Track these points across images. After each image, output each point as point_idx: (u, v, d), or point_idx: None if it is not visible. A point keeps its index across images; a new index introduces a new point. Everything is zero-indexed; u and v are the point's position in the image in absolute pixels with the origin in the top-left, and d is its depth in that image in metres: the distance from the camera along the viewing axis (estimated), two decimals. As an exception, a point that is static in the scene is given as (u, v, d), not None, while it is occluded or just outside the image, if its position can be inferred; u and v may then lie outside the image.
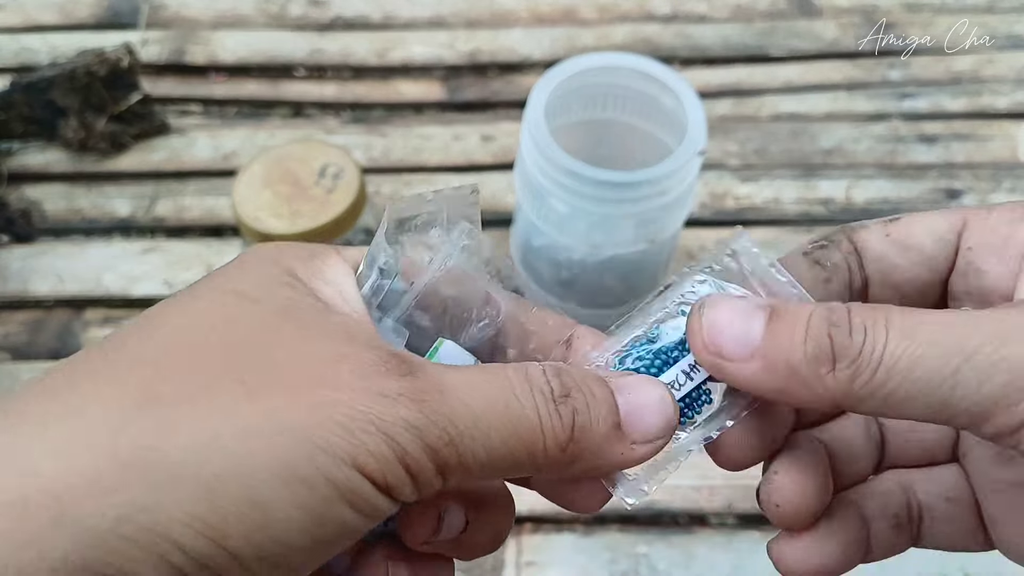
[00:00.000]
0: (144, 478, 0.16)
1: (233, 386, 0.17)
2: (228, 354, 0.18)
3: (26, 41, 0.80)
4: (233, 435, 0.17)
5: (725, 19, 0.82)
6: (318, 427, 0.17)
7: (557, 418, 0.19)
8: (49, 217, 0.67)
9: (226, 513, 0.16)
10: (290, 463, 0.17)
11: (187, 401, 0.17)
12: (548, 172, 0.46)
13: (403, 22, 0.83)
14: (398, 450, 0.18)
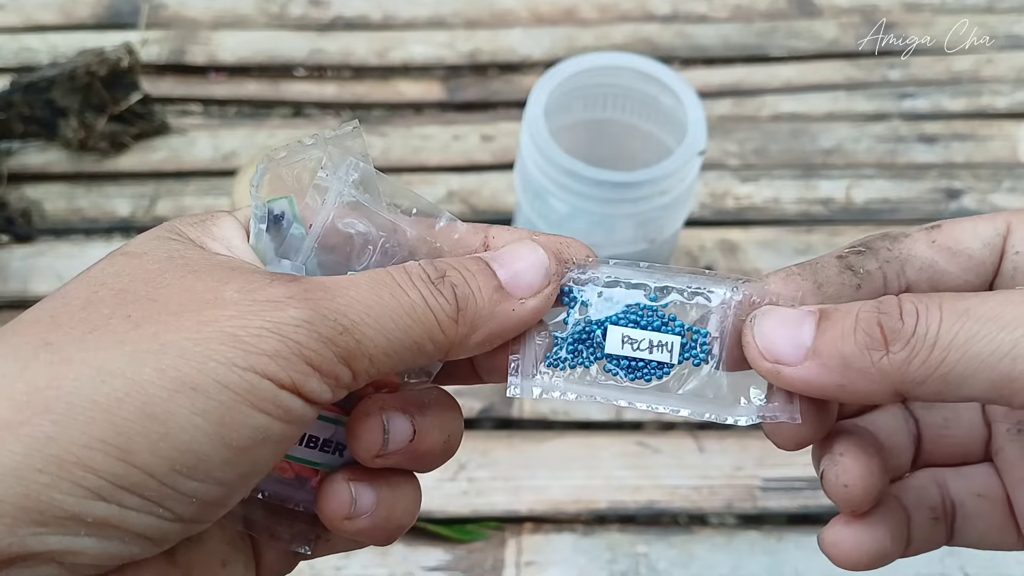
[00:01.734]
0: (44, 412, 0.17)
1: (120, 322, 0.18)
2: (115, 298, 0.19)
3: (26, 41, 0.80)
4: (122, 359, 0.18)
5: (725, 19, 0.82)
6: (206, 340, 0.18)
7: (439, 294, 0.20)
8: (49, 217, 0.67)
9: (126, 430, 0.17)
10: (180, 374, 0.17)
11: (77, 341, 0.18)
12: (548, 172, 0.46)
13: (403, 22, 0.83)
14: (292, 346, 0.18)
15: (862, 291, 0.22)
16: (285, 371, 0.19)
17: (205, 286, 0.19)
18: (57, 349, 0.18)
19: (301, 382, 0.19)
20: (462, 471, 0.53)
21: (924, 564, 0.49)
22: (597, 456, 0.53)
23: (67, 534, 0.17)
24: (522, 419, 0.56)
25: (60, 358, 0.18)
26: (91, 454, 0.17)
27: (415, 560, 0.49)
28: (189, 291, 0.19)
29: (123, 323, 0.18)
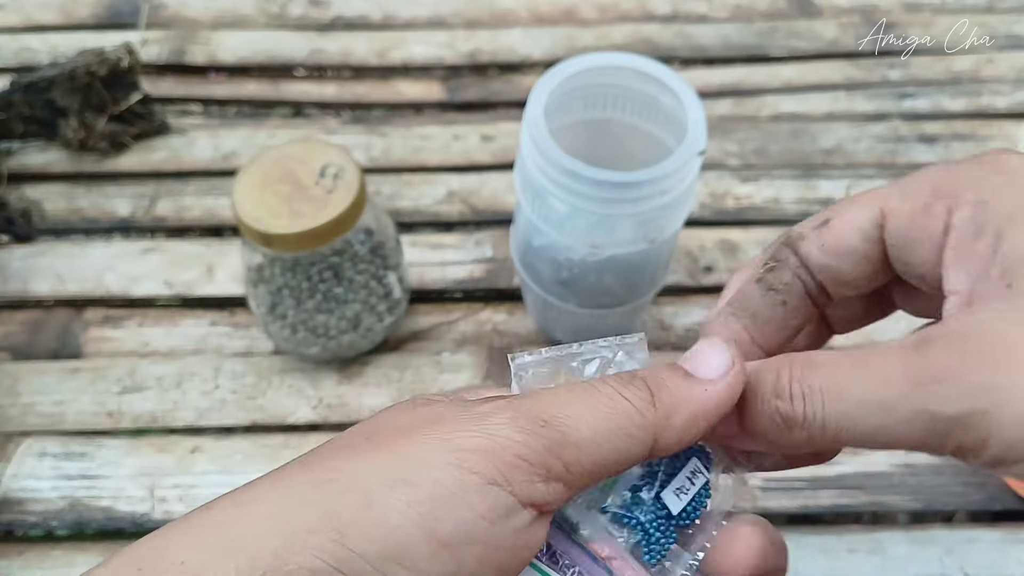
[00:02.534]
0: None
1: (360, 443, 0.21)
2: (361, 433, 0.22)
3: (26, 41, 0.80)
4: (349, 465, 0.20)
5: (725, 19, 0.82)
6: (422, 445, 0.20)
7: (631, 386, 0.22)
8: (49, 217, 0.67)
9: (346, 516, 0.19)
10: (398, 471, 0.20)
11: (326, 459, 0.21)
12: (548, 172, 0.46)
13: (403, 22, 0.83)
14: (499, 441, 0.20)
15: (788, 305, 0.24)
16: (493, 464, 0.19)
17: (430, 412, 0.22)
18: (309, 470, 0.21)
19: (509, 475, 0.20)
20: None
21: (924, 564, 0.49)
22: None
23: None
24: (522, 419, 0.56)
25: (313, 476, 0.20)
26: (314, 537, 0.18)
27: (415, 560, 0.50)
28: (417, 419, 0.21)
29: (362, 444, 0.21)
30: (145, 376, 0.58)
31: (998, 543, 0.50)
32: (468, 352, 0.58)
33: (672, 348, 0.59)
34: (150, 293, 0.62)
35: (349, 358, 0.58)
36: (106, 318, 0.61)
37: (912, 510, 0.52)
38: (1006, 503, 0.52)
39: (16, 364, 0.58)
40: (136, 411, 0.56)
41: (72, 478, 0.53)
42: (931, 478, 0.53)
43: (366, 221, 0.51)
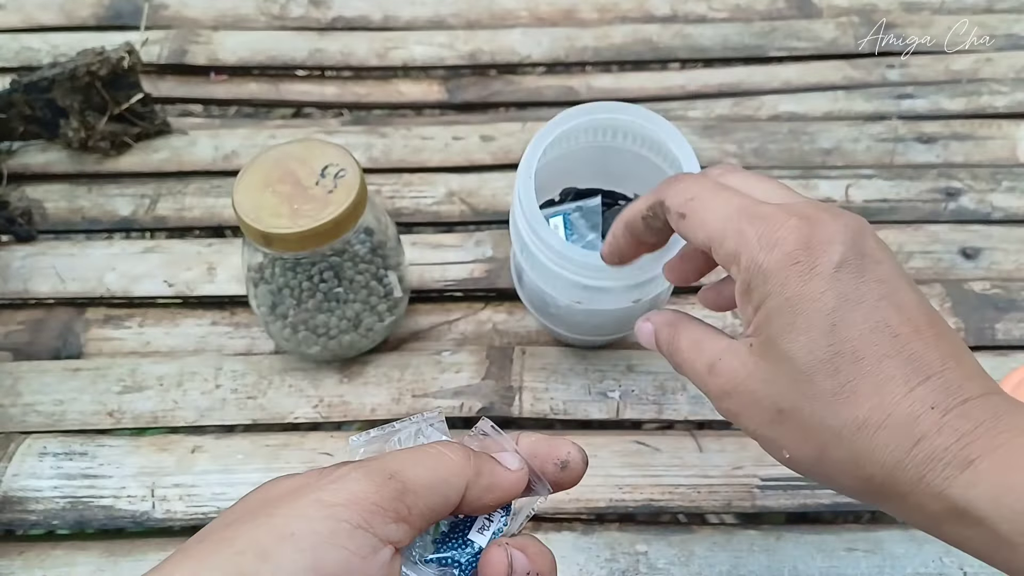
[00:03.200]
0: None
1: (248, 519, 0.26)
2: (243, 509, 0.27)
3: (27, 41, 0.80)
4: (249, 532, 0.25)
5: (724, 19, 0.82)
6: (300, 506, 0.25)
7: (455, 448, 0.30)
8: (50, 217, 0.67)
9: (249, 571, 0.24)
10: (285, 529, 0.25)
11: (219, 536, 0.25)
12: (535, 238, 0.47)
13: (403, 23, 0.83)
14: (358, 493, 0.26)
15: (661, 236, 0.39)
16: (357, 513, 0.25)
17: (296, 482, 0.27)
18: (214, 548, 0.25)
19: (369, 520, 0.25)
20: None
21: (923, 563, 0.49)
22: (596, 455, 0.54)
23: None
24: (522, 418, 0.56)
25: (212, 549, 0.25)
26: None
27: (415, 559, 0.50)
28: (287, 488, 0.27)
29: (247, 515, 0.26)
30: (146, 376, 0.58)
31: (997, 542, 0.50)
32: (468, 351, 0.59)
33: (672, 348, 0.59)
34: (151, 293, 0.62)
35: (349, 357, 0.58)
36: (107, 318, 0.61)
37: (911, 509, 0.52)
38: (1005, 502, 0.52)
39: (17, 363, 0.59)
40: (137, 410, 0.56)
41: (73, 477, 0.53)
42: (930, 477, 0.53)
43: (366, 221, 0.51)
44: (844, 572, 0.49)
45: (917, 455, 0.28)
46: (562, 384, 0.57)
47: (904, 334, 0.29)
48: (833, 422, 0.29)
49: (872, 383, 0.29)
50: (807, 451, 0.30)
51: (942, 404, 0.28)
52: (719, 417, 0.56)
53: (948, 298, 0.61)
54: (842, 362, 0.29)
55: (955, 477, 0.27)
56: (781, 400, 0.31)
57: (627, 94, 0.76)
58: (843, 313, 0.29)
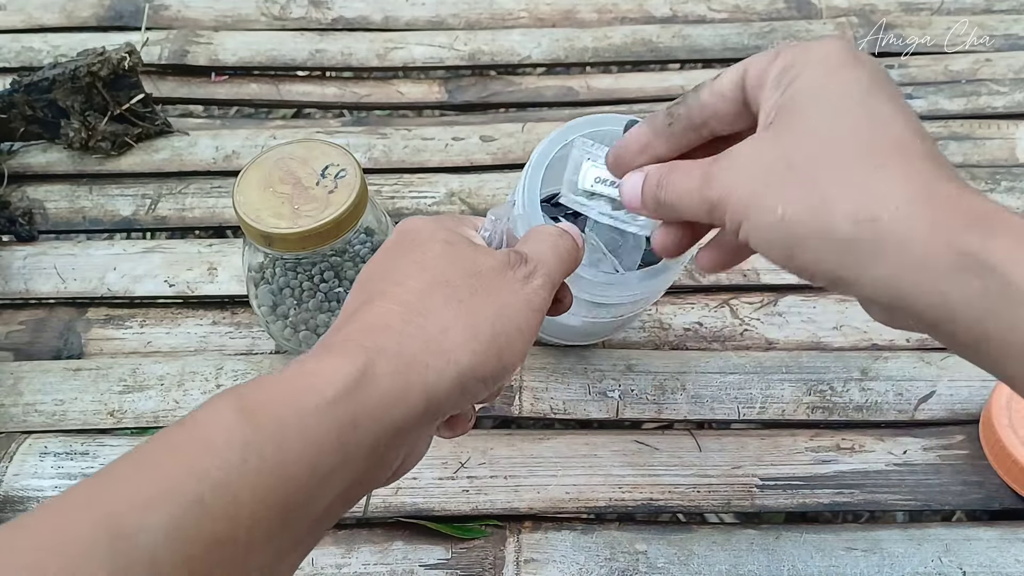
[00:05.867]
0: (469, 339, 0.31)
1: (473, 294, 0.32)
2: (470, 271, 0.33)
3: (28, 41, 0.80)
4: (491, 315, 0.32)
5: (724, 20, 0.83)
6: (518, 305, 0.32)
7: (571, 243, 0.37)
8: (51, 217, 0.68)
9: (504, 351, 0.31)
10: (516, 322, 0.32)
11: (466, 302, 0.32)
12: None
13: (403, 23, 0.83)
14: (544, 301, 0.34)
15: (674, 126, 0.36)
16: (542, 312, 0.33)
17: (493, 264, 0.33)
18: (458, 304, 0.31)
19: (548, 302, 0.34)
20: (462, 469, 0.53)
21: (922, 563, 0.50)
22: (596, 455, 0.54)
23: (463, 401, 0.30)
24: (522, 417, 0.56)
25: (467, 309, 0.31)
26: (489, 360, 0.30)
27: (415, 558, 0.50)
28: (491, 269, 0.33)
29: (473, 292, 0.32)
30: (147, 375, 0.58)
31: (996, 541, 0.50)
32: (468, 351, 0.59)
33: (671, 347, 0.59)
34: (152, 293, 0.62)
35: (350, 357, 0.58)
36: (108, 318, 0.61)
37: (910, 509, 0.52)
38: (1004, 502, 0.52)
39: (18, 363, 0.59)
40: (138, 410, 0.56)
41: (74, 477, 0.53)
42: (929, 477, 0.53)
43: (367, 221, 0.51)
44: (843, 571, 0.49)
45: (934, 200, 0.28)
46: (562, 384, 0.57)
47: (930, 142, 0.30)
48: (852, 173, 0.29)
49: (903, 163, 0.29)
50: (809, 202, 0.29)
51: (968, 193, 0.28)
52: (718, 416, 0.56)
53: (947, 298, 0.61)
54: (877, 141, 0.29)
55: (972, 226, 0.27)
56: (794, 154, 0.30)
57: (626, 95, 0.76)
58: (878, 104, 0.30)
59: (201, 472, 0.23)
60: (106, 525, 0.22)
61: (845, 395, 0.57)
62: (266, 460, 0.24)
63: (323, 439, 0.26)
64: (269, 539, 0.24)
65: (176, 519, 0.22)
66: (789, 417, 0.56)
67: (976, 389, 0.57)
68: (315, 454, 0.25)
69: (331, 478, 0.26)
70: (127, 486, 0.23)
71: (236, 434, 0.24)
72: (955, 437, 0.55)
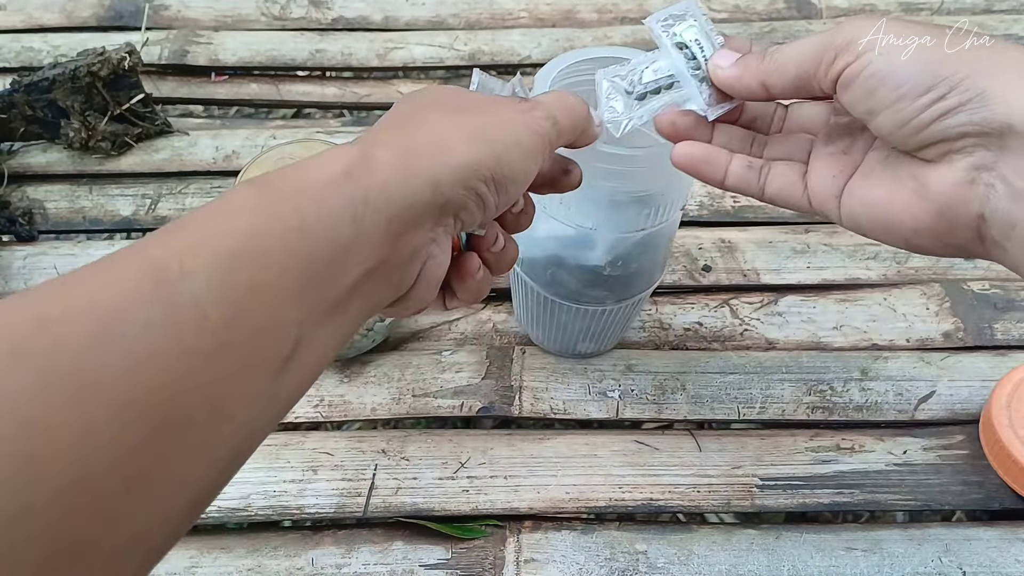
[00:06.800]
0: (470, 140, 0.32)
1: (467, 111, 0.34)
2: (449, 104, 0.35)
3: (28, 41, 0.80)
4: (490, 124, 0.33)
5: (724, 20, 0.83)
6: (514, 122, 0.34)
7: (581, 103, 0.37)
8: (51, 217, 0.68)
9: (500, 154, 0.32)
10: (515, 135, 0.33)
11: (458, 115, 0.33)
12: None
13: (403, 23, 0.83)
14: (546, 125, 0.35)
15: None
16: (542, 141, 0.34)
17: (493, 100, 0.36)
18: (461, 117, 0.33)
19: (544, 147, 0.34)
20: (462, 469, 0.53)
21: (922, 563, 0.50)
22: (596, 455, 0.54)
23: (468, 199, 0.31)
24: (522, 417, 0.56)
25: (462, 120, 0.33)
26: (489, 160, 0.32)
27: (415, 558, 0.50)
28: (486, 102, 0.35)
29: (469, 111, 0.34)
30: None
31: (996, 541, 0.50)
32: (468, 351, 0.59)
33: (671, 347, 0.59)
34: (152, 293, 0.62)
35: (350, 357, 0.58)
36: (108, 318, 0.61)
37: (910, 509, 0.52)
38: (1004, 502, 0.52)
39: (18, 363, 0.59)
40: (138, 410, 0.56)
41: (74, 476, 0.53)
42: (929, 477, 0.53)
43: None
44: (843, 571, 0.49)
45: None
46: (562, 384, 0.57)
47: None
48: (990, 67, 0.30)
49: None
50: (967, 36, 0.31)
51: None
52: (718, 416, 0.56)
53: (947, 298, 0.61)
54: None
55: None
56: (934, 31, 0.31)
57: (627, 94, 0.76)
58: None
59: (230, 228, 0.25)
60: (151, 268, 0.23)
61: (845, 395, 0.57)
62: (287, 220, 0.26)
63: (337, 210, 0.27)
64: (301, 295, 0.26)
65: (213, 265, 0.24)
66: (789, 417, 0.56)
67: (976, 389, 0.57)
68: (331, 223, 0.27)
69: (350, 252, 0.27)
70: (166, 239, 0.25)
71: (257, 202, 0.26)
72: (955, 437, 0.55)
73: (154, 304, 0.22)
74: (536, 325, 0.56)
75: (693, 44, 0.39)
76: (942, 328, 0.60)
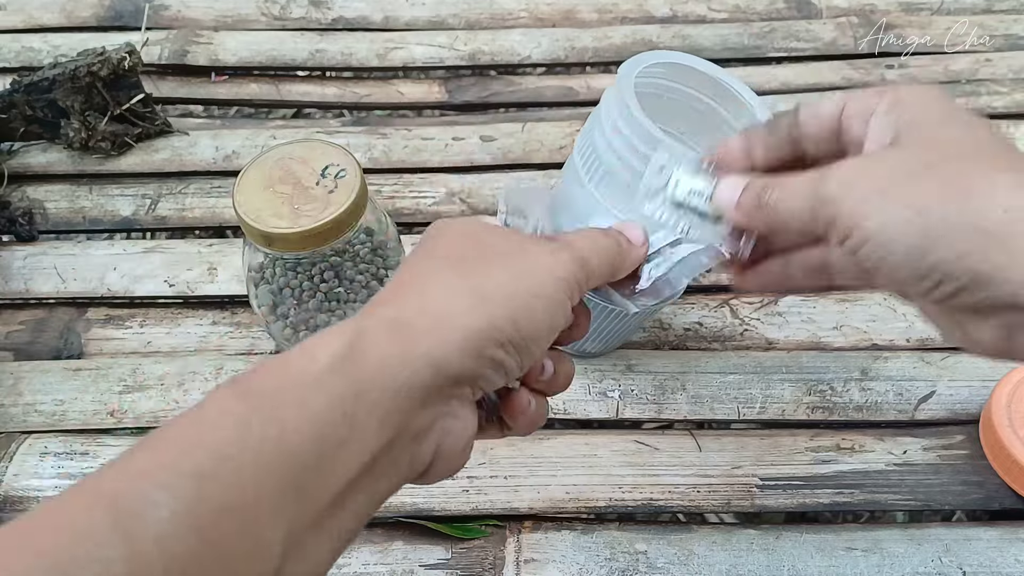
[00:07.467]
0: (483, 303, 0.30)
1: (484, 261, 0.32)
2: (469, 251, 0.33)
3: (28, 41, 0.80)
4: (506, 277, 0.31)
5: (723, 20, 0.83)
6: (537, 271, 0.32)
7: (614, 241, 0.36)
8: (51, 217, 0.68)
9: (516, 315, 0.30)
10: (535, 288, 0.31)
11: (476, 268, 0.31)
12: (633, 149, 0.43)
13: (403, 23, 0.83)
14: (570, 273, 0.33)
15: (772, 137, 0.37)
16: (568, 287, 0.32)
17: (516, 242, 0.33)
18: (472, 275, 0.31)
19: (572, 294, 0.33)
20: (462, 469, 0.53)
21: (922, 563, 0.50)
22: (596, 455, 0.54)
23: (483, 368, 0.30)
24: (522, 418, 0.56)
25: (474, 279, 0.31)
26: (503, 324, 0.30)
27: (415, 558, 0.50)
28: (508, 245, 0.33)
29: (486, 261, 0.32)
30: (147, 375, 0.58)
31: (996, 541, 0.50)
32: (468, 351, 0.59)
33: (671, 347, 0.59)
34: (152, 293, 0.62)
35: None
36: (108, 318, 0.61)
37: (910, 509, 0.52)
38: (1004, 502, 0.52)
39: (18, 363, 0.59)
40: (138, 410, 0.56)
41: (74, 477, 0.53)
42: (929, 477, 0.53)
43: (367, 221, 0.51)
44: (843, 571, 0.49)
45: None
46: (562, 384, 0.57)
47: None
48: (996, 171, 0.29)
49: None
50: (953, 194, 0.29)
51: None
52: (718, 416, 0.56)
53: (947, 298, 0.61)
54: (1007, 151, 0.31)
55: None
56: (930, 156, 0.30)
57: (627, 95, 0.76)
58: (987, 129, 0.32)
59: (198, 445, 0.24)
60: (109, 502, 0.22)
61: (845, 395, 0.57)
62: (263, 429, 0.24)
63: (323, 411, 0.26)
64: (282, 508, 0.24)
65: (178, 491, 0.22)
66: (789, 417, 0.56)
67: (976, 389, 0.57)
68: (316, 426, 0.25)
69: (340, 452, 0.26)
70: (127, 464, 0.23)
71: (231, 410, 0.25)
72: (955, 437, 0.55)
73: (111, 544, 0.21)
74: None
75: (694, 199, 0.37)
76: (942, 328, 0.60)
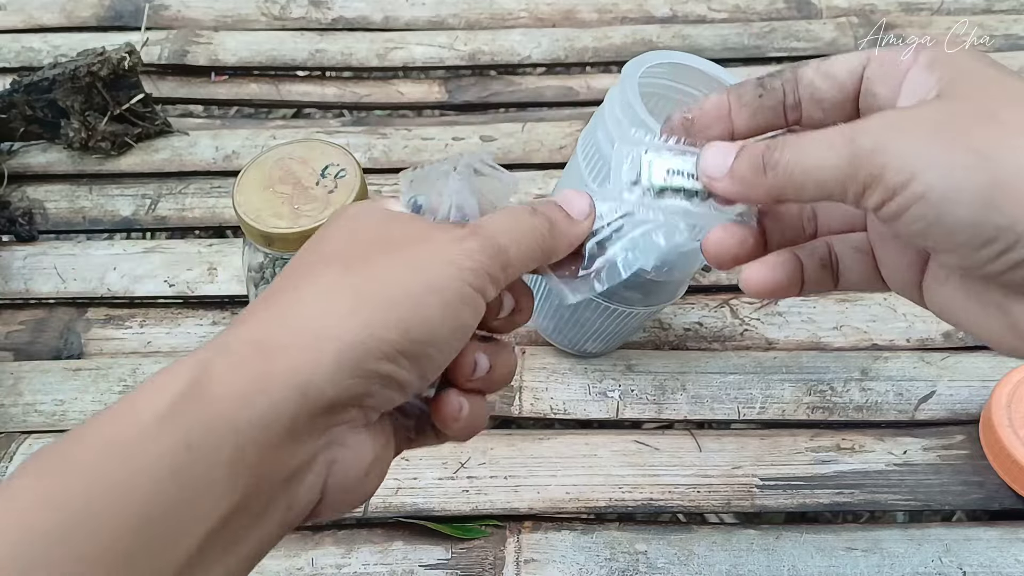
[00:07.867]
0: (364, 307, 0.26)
1: (380, 253, 0.28)
2: (365, 242, 0.28)
3: (28, 41, 0.80)
4: (399, 273, 0.27)
5: (724, 20, 0.83)
6: (437, 263, 0.27)
7: (540, 218, 0.31)
8: (51, 217, 0.68)
9: (406, 317, 0.26)
10: (431, 284, 0.27)
11: (363, 265, 0.27)
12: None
13: (403, 23, 0.83)
14: (479, 263, 0.28)
15: (765, 99, 0.33)
16: (476, 277, 0.27)
17: (416, 230, 0.29)
18: (355, 272, 0.27)
19: (483, 287, 0.28)
20: (462, 469, 0.53)
21: (922, 563, 0.50)
22: (596, 455, 0.54)
23: (368, 386, 0.25)
24: (522, 418, 0.56)
25: (357, 276, 0.27)
26: (385, 332, 0.25)
27: (415, 558, 0.50)
28: (406, 234, 0.29)
29: (376, 255, 0.27)
30: (147, 375, 0.58)
31: (996, 541, 0.50)
32: (468, 351, 0.59)
33: (671, 347, 0.59)
34: (152, 293, 0.62)
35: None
36: (108, 318, 0.61)
37: (910, 509, 0.52)
38: (1004, 502, 0.52)
39: (18, 363, 0.59)
40: (138, 410, 0.56)
41: (74, 477, 0.53)
42: (929, 477, 0.53)
43: (367, 221, 0.51)
44: (843, 571, 0.49)
45: None
46: (562, 384, 0.57)
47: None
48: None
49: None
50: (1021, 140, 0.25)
51: None
52: (718, 416, 0.56)
53: (947, 298, 0.61)
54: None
55: None
56: (993, 105, 0.26)
57: (627, 95, 0.76)
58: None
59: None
60: None
61: (845, 395, 0.57)
62: (70, 504, 0.21)
63: (154, 464, 0.22)
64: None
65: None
66: (789, 417, 0.56)
67: (976, 389, 0.57)
68: (147, 485, 0.22)
69: (183, 508, 0.22)
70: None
71: (34, 486, 0.22)
72: (955, 437, 0.55)
73: None
74: (550, 317, 0.56)
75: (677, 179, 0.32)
76: (942, 328, 0.60)
